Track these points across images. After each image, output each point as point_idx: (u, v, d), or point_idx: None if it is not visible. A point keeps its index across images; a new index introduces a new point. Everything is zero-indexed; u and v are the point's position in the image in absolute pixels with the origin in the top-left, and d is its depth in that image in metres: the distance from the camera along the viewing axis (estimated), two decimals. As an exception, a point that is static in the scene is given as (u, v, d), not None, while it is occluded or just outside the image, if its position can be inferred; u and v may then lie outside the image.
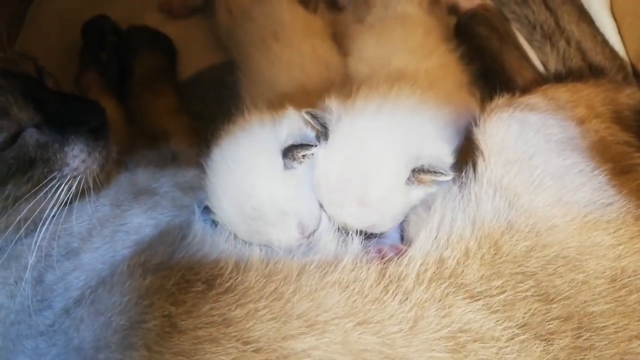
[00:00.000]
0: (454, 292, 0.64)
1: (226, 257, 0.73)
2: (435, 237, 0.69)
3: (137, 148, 0.87)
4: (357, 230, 0.73)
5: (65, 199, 0.72)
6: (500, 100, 0.80)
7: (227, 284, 0.69)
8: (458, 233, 0.69)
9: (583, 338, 0.64)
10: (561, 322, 0.64)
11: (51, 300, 0.70)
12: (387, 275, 0.66)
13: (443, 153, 0.74)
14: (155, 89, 1.03)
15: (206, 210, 0.80)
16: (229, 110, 0.85)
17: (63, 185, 0.72)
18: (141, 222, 0.76)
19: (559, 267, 0.66)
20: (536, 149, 0.73)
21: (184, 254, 0.75)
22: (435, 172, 0.70)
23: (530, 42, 1.06)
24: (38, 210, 0.72)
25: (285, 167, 0.73)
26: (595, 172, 0.72)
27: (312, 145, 0.73)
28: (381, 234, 0.77)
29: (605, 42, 1.00)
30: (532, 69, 1.03)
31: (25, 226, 0.71)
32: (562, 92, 0.83)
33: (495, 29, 1.04)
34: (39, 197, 0.71)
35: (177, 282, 0.71)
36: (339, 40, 1.02)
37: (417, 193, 0.74)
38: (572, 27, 1.00)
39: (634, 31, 0.99)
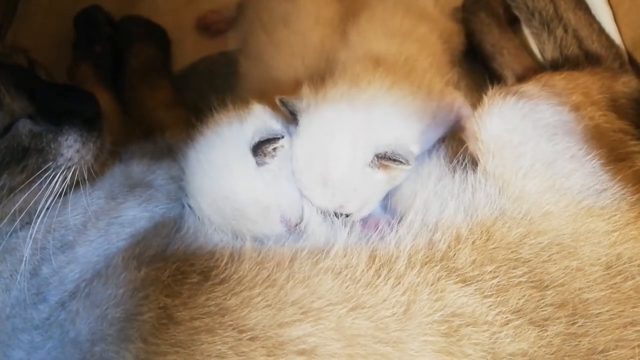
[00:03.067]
0: (445, 275, 0.64)
1: (221, 249, 0.73)
2: (422, 219, 0.69)
3: (132, 140, 0.87)
4: (337, 213, 0.75)
5: (60, 189, 0.72)
6: (493, 90, 0.79)
7: (223, 275, 0.69)
8: (449, 218, 0.69)
9: (577, 325, 0.64)
10: (555, 308, 0.65)
11: (46, 294, 0.70)
12: (377, 259, 0.66)
13: (409, 142, 0.74)
14: (151, 81, 1.02)
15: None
16: (224, 102, 0.85)
17: (58, 176, 0.71)
18: (136, 215, 0.76)
19: (553, 254, 0.66)
20: (524, 135, 0.73)
21: (178, 246, 0.76)
22: (396, 161, 0.71)
23: (528, 29, 1.05)
24: (33, 201, 0.72)
25: (258, 164, 0.73)
26: (589, 158, 0.71)
27: (279, 138, 0.73)
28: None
29: (601, 30, 0.99)
30: (530, 57, 1.02)
31: (20, 218, 0.71)
32: (558, 80, 0.83)
33: (497, 15, 1.03)
34: (33, 187, 0.71)
35: (172, 274, 0.71)
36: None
37: (380, 177, 0.75)
38: (569, 14, 0.99)
39: (630, 18, 0.99)
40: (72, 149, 0.72)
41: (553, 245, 0.67)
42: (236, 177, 0.74)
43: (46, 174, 0.71)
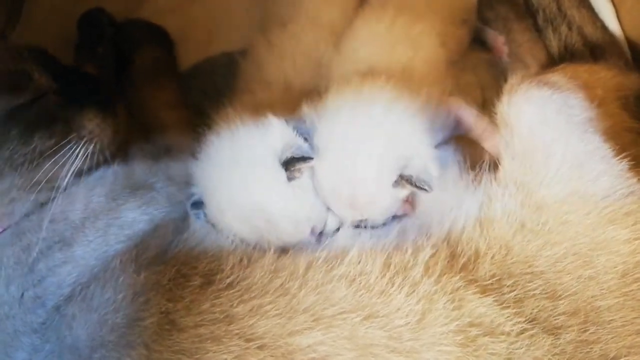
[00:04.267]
0: (464, 286, 0.62)
1: (227, 253, 0.71)
2: (440, 231, 0.68)
3: (135, 141, 0.87)
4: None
5: (81, 163, 0.76)
6: (515, 79, 0.75)
7: (228, 280, 0.67)
8: (467, 231, 0.67)
9: (589, 332, 0.63)
10: (568, 316, 0.63)
11: (45, 299, 0.69)
12: (392, 266, 0.64)
13: (428, 161, 0.74)
14: (155, 81, 1.01)
15: (196, 205, 0.78)
16: (225, 104, 0.87)
17: (81, 146, 0.77)
18: (135, 217, 0.76)
19: (568, 264, 0.65)
20: (557, 133, 0.69)
21: (180, 248, 0.74)
22: (419, 187, 0.72)
23: (533, 25, 1.03)
24: (55, 170, 0.75)
25: (289, 179, 0.73)
26: (617, 159, 0.68)
27: (311, 158, 0.73)
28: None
29: (605, 28, 0.99)
30: (544, 51, 1.01)
31: (39, 189, 0.74)
32: (582, 72, 0.80)
33: (515, 7, 1.02)
34: (58, 156, 0.75)
35: (173, 277, 0.69)
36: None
37: (404, 193, 0.76)
38: (573, 11, 0.99)
39: (632, 16, 0.98)
40: (93, 122, 0.78)
41: (569, 255, 0.65)
42: (268, 191, 0.73)
43: (71, 144, 0.76)
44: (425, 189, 0.71)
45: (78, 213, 0.74)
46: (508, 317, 0.61)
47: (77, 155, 0.76)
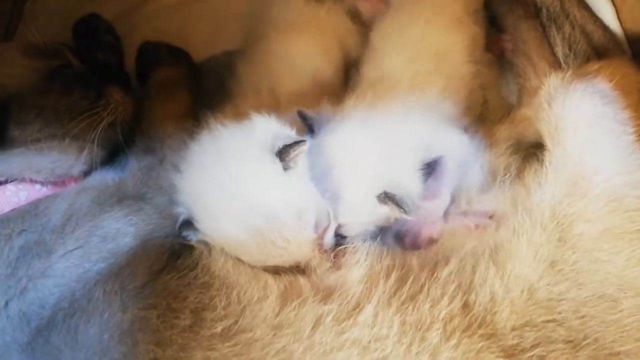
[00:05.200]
0: (487, 347, 0.56)
1: (220, 283, 0.66)
2: (458, 279, 0.61)
3: (131, 149, 0.86)
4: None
5: (107, 123, 0.83)
6: (565, 74, 0.70)
7: (222, 325, 0.61)
8: (481, 273, 0.61)
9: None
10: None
11: (29, 317, 0.68)
12: (408, 327, 0.58)
13: (415, 191, 0.74)
14: (168, 92, 0.97)
15: (185, 224, 0.72)
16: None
17: (108, 111, 0.84)
18: (120, 229, 0.73)
19: (593, 308, 0.60)
20: (603, 158, 0.63)
21: (172, 276, 0.68)
22: (399, 207, 0.71)
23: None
24: (86, 127, 0.82)
25: (285, 168, 0.69)
26: None
27: (304, 141, 0.70)
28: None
29: (606, 27, 0.97)
30: (550, 49, 0.97)
31: (72, 146, 0.81)
32: (619, 75, 0.73)
33: (525, 5, 0.98)
34: (91, 113, 0.83)
35: (163, 313, 0.64)
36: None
37: (383, 211, 0.74)
38: (575, 10, 0.97)
39: (634, 15, 0.97)
40: (118, 94, 0.88)
41: (594, 299, 0.60)
42: (265, 186, 0.69)
43: (100, 108, 0.84)
44: (405, 211, 0.70)
45: (61, 212, 0.73)
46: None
47: (106, 116, 0.84)
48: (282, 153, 0.69)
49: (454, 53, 0.88)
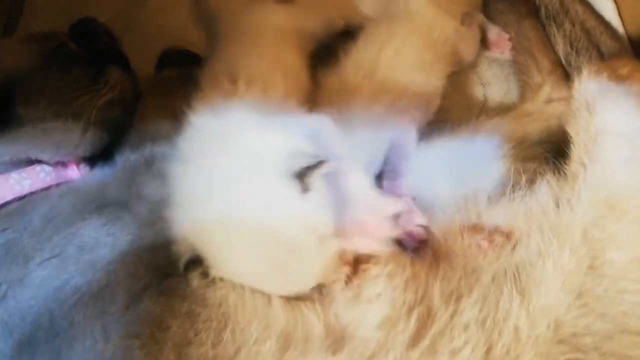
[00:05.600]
0: None
1: (219, 319, 0.58)
2: (483, 320, 0.54)
3: (120, 150, 0.84)
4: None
5: (107, 99, 0.85)
6: (592, 74, 0.67)
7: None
8: (504, 304, 0.54)
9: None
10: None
11: (11, 327, 0.65)
12: None
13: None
14: (167, 89, 0.95)
15: (193, 263, 0.63)
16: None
17: (108, 89, 0.86)
18: (98, 238, 0.68)
19: (616, 342, 0.54)
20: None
21: (154, 300, 0.61)
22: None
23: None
24: (86, 103, 0.84)
25: (303, 191, 0.61)
26: None
27: (325, 161, 0.62)
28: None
29: (607, 23, 0.96)
30: (551, 48, 0.96)
31: (76, 125, 0.82)
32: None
33: (527, 2, 0.98)
34: (90, 90, 0.85)
35: (145, 344, 0.57)
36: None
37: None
38: (574, 6, 0.96)
39: (634, 12, 0.96)
40: (116, 73, 0.89)
41: (617, 333, 0.53)
42: (283, 211, 0.62)
43: (101, 85, 0.86)
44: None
45: (42, 214, 0.71)
46: None
47: (107, 94, 0.86)
48: (303, 175, 0.61)
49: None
